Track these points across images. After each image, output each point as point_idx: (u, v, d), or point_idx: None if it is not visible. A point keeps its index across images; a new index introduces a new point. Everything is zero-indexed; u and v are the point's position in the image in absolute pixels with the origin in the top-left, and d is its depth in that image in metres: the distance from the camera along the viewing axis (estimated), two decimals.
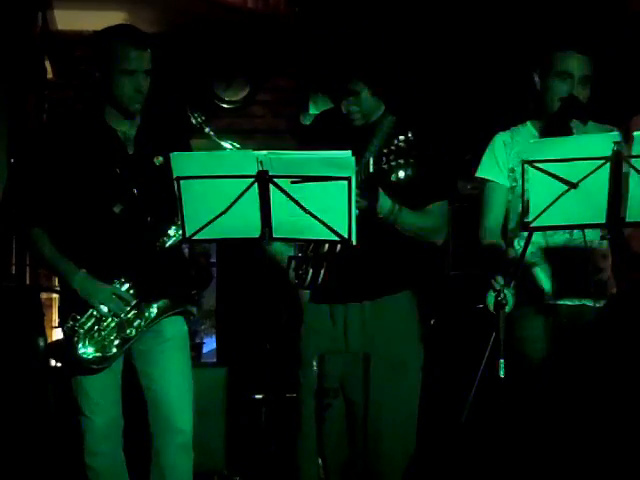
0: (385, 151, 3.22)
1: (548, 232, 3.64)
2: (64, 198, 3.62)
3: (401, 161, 3.19)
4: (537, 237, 3.64)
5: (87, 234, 3.62)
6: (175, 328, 3.71)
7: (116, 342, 3.59)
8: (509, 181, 3.74)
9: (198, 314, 6.60)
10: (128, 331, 3.60)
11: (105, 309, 3.56)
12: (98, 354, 3.57)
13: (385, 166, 3.22)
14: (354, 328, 3.56)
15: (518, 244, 3.71)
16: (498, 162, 3.77)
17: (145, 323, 3.61)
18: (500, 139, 3.81)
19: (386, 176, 3.23)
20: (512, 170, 3.74)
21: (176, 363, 3.69)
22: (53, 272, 3.72)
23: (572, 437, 3.54)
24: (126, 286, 3.59)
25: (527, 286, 3.68)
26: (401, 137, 3.19)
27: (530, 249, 3.60)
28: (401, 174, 3.21)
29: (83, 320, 3.57)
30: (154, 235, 3.60)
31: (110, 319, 3.57)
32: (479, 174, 3.82)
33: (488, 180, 3.80)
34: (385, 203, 3.38)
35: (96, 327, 3.58)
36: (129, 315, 3.59)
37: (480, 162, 3.83)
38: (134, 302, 3.58)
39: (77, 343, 3.55)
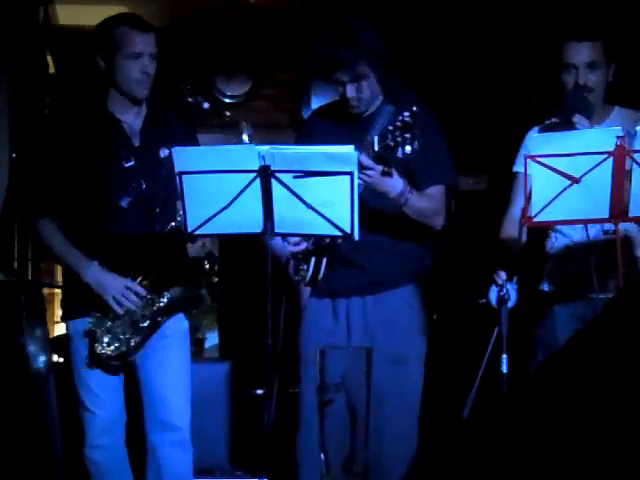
0: (390, 128, 3.18)
1: (588, 225, 3.62)
2: (71, 191, 3.62)
3: (407, 135, 3.16)
4: (575, 231, 3.64)
5: (94, 228, 3.61)
6: (175, 325, 3.70)
7: (135, 337, 3.59)
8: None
9: (209, 301, 6.60)
10: (145, 324, 3.59)
11: (117, 306, 3.55)
12: (121, 350, 3.57)
13: (391, 142, 3.18)
14: (356, 322, 3.56)
15: (555, 237, 3.70)
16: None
17: (161, 317, 3.61)
18: (532, 134, 3.79)
19: (392, 152, 3.20)
20: None
21: (174, 360, 3.68)
22: (63, 264, 3.69)
23: (577, 433, 3.54)
24: (138, 280, 3.58)
25: (560, 278, 3.67)
26: (406, 113, 3.16)
27: (566, 242, 3.61)
28: (408, 149, 3.16)
29: (102, 318, 3.56)
30: (162, 228, 3.59)
31: (127, 315, 3.56)
32: (515, 169, 3.80)
33: (517, 172, 3.77)
34: (397, 184, 3.35)
35: (115, 324, 3.57)
36: (145, 311, 3.58)
37: (516, 158, 3.82)
38: (148, 296, 3.57)
39: (97, 341, 3.55)
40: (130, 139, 3.65)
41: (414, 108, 3.16)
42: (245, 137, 3.44)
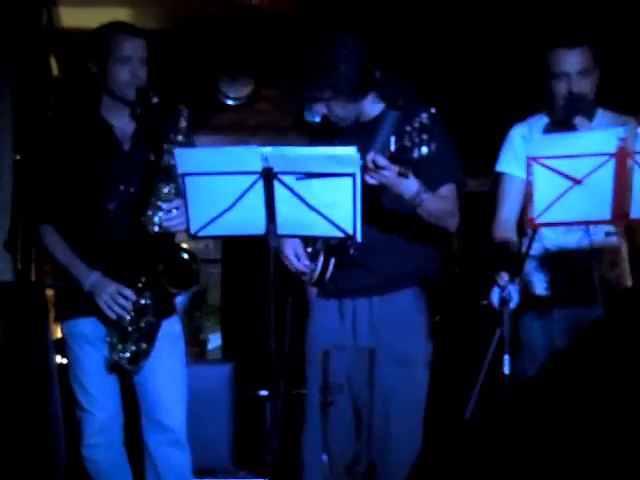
0: (408, 128, 3.17)
1: (560, 232, 3.64)
2: (65, 195, 3.65)
3: (424, 137, 3.14)
4: (550, 238, 3.66)
5: (84, 231, 3.64)
6: (168, 326, 3.72)
7: (144, 341, 3.62)
8: (527, 174, 3.71)
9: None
10: (148, 327, 3.63)
11: (109, 311, 3.58)
12: (135, 354, 3.61)
13: (408, 143, 3.17)
14: (362, 323, 3.56)
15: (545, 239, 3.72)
16: (516, 154, 3.74)
17: (160, 318, 3.65)
18: (518, 132, 3.79)
19: (409, 153, 3.18)
20: None
21: (167, 361, 3.70)
22: (65, 271, 3.71)
23: (575, 434, 3.55)
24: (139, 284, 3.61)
25: (533, 285, 3.69)
26: (424, 114, 3.16)
27: (541, 248, 3.62)
28: (424, 150, 3.15)
29: (113, 325, 3.60)
30: (151, 231, 3.61)
31: (133, 321, 3.59)
32: (499, 169, 3.80)
33: (505, 173, 3.78)
34: (413, 184, 3.33)
35: (127, 330, 3.59)
36: (146, 315, 3.61)
37: (499, 156, 3.82)
38: (143, 301, 3.60)
39: (114, 349, 3.60)
40: (121, 143, 3.69)
41: (432, 110, 3.16)
42: None
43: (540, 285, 3.73)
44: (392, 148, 3.19)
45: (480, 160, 3.91)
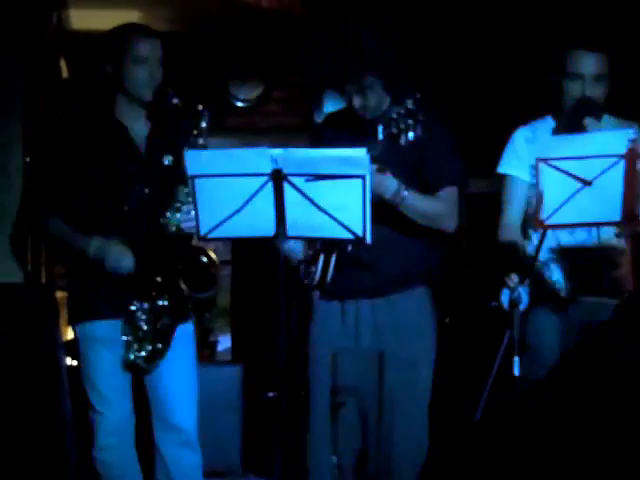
0: (394, 116, 3.20)
1: (565, 230, 3.63)
2: (77, 196, 3.66)
3: (410, 122, 3.18)
4: (555, 235, 3.65)
5: (99, 232, 3.65)
6: (180, 329, 3.72)
7: (159, 341, 3.62)
8: (530, 177, 3.71)
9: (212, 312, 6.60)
10: (164, 329, 3.64)
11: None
12: (151, 353, 3.62)
13: (394, 130, 3.20)
14: (365, 325, 3.56)
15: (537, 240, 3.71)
16: (519, 157, 3.74)
17: (175, 320, 3.65)
18: (521, 134, 3.79)
19: (396, 140, 3.21)
20: (534, 166, 3.71)
21: (178, 363, 3.71)
22: (71, 250, 3.70)
23: (584, 435, 3.54)
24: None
25: (542, 284, 3.68)
26: (409, 100, 3.18)
27: (547, 247, 3.61)
28: (411, 135, 3.19)
29: (128, 325, 3.61)
30: (167, 232, 3.62)
31: (144, 321, 3.60)
32: (500, 170, 3.80)
33: (509, 175, 3.78)
34: (391, 183, 3.36)
35: (142, 329, 3.60)
36: (163, 316, 3.62)
37: (501, 158, 3.82)
38: (160, 302, 3.61)
39: (129, 348, 3.60)
40: (136, 145, 3.70)
41: (417, 95, 3.17)
42: None
43: (555, 279, 3.73)
44: (380, 137, 3.22)
45: (490, 161, 3.91)
